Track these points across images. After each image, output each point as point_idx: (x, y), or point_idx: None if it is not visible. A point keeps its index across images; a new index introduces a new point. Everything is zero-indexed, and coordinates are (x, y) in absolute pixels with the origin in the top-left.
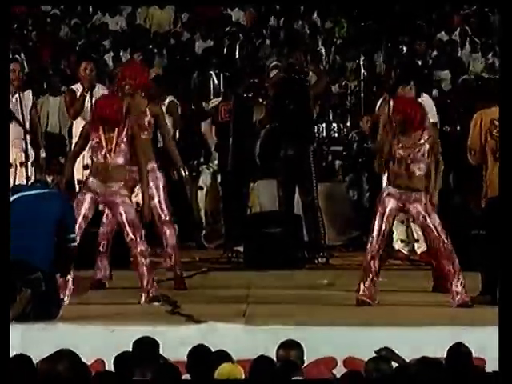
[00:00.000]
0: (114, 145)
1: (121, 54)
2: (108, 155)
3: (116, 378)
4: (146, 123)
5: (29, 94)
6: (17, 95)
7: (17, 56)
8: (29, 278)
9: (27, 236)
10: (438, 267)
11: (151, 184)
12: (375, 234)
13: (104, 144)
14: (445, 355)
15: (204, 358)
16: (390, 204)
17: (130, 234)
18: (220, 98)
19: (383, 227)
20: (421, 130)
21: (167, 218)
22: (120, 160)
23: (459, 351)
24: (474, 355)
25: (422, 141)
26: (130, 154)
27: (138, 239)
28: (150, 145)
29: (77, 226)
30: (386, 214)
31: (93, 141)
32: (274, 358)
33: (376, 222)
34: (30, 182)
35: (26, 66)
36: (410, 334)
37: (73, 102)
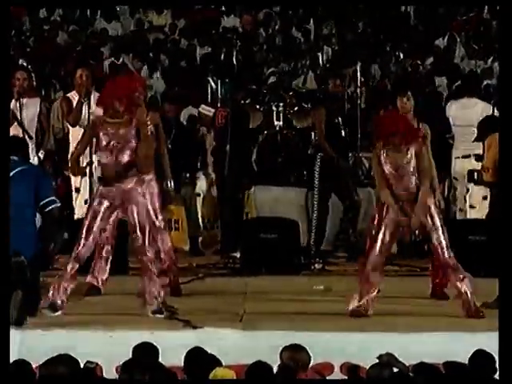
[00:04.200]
0: (122, 140)
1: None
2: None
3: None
4: (149, 133)
5: (35, 100)
6: (20, 101)
7: (24, 64)
8: (15, 260)
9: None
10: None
11: (145, 191)
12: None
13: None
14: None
15: (201, 360)
16: (390, 214)
17: (140, 239)
18: (212, 109)
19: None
20: (408, 143)
21: (161, 225)
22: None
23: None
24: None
25: (409, 155)
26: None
27: (147, 244)
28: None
29: (90, 238)
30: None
31: (100, 136)
32: (273, 363)
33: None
34: None
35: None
36: (409, 339)
37: (70, 110)
